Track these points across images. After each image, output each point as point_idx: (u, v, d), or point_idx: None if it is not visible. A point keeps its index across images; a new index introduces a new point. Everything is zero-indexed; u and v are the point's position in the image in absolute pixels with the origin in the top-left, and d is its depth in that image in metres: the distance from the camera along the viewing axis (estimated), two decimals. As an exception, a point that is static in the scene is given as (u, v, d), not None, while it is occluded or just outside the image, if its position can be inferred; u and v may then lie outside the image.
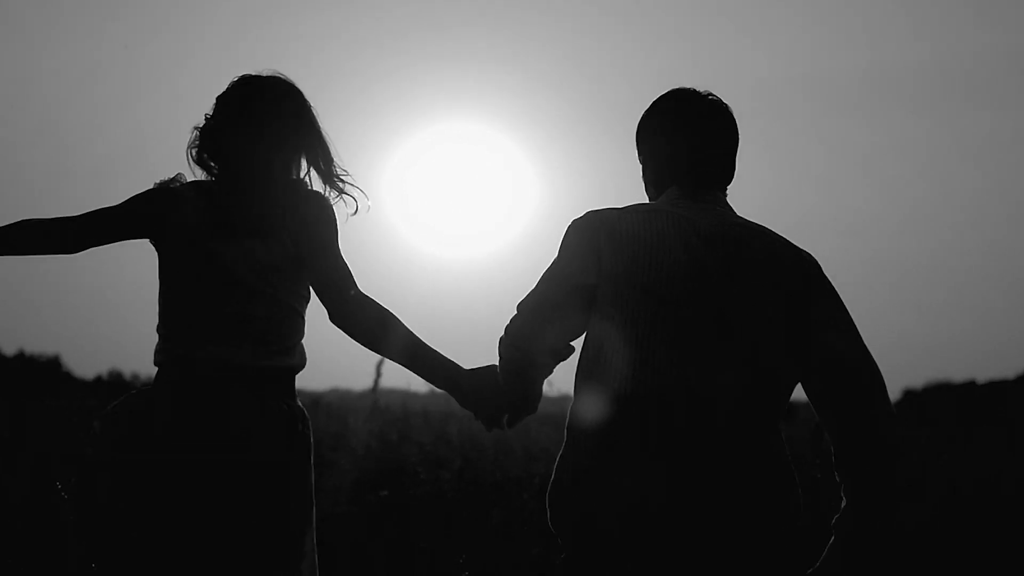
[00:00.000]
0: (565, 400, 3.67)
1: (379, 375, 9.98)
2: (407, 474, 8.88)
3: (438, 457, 10.35)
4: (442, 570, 6.59)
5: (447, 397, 3.50)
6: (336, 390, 33.47)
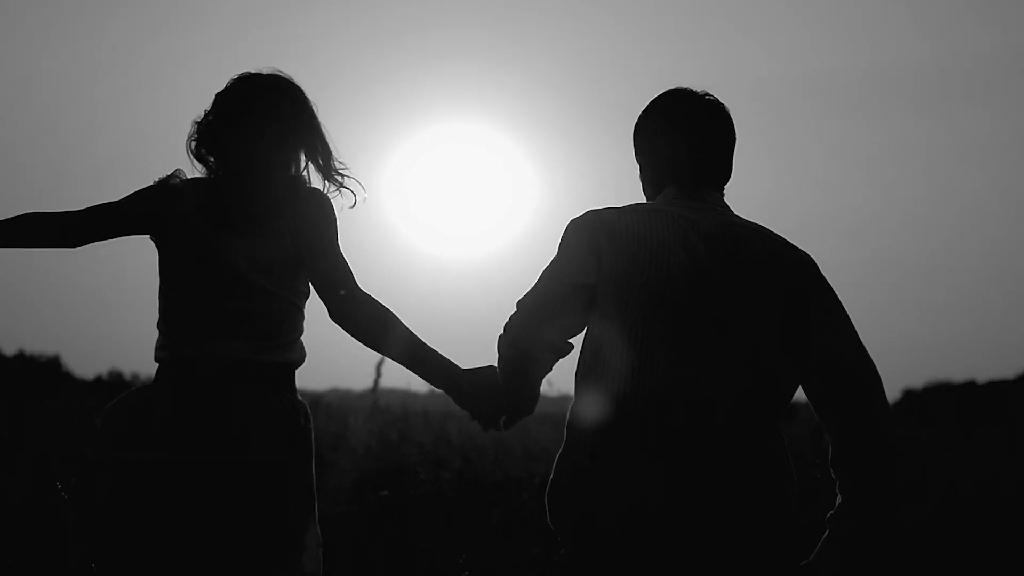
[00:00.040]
0: (565, 400, 3.67)
1: (379, 375, 9.98)
2: (407, 474, 8.88)
3: (438, 457, 10.36)
4: (442, 570, 6.59)
5: (447, 397, 3.50)
6: (336, 390, 33.50)
